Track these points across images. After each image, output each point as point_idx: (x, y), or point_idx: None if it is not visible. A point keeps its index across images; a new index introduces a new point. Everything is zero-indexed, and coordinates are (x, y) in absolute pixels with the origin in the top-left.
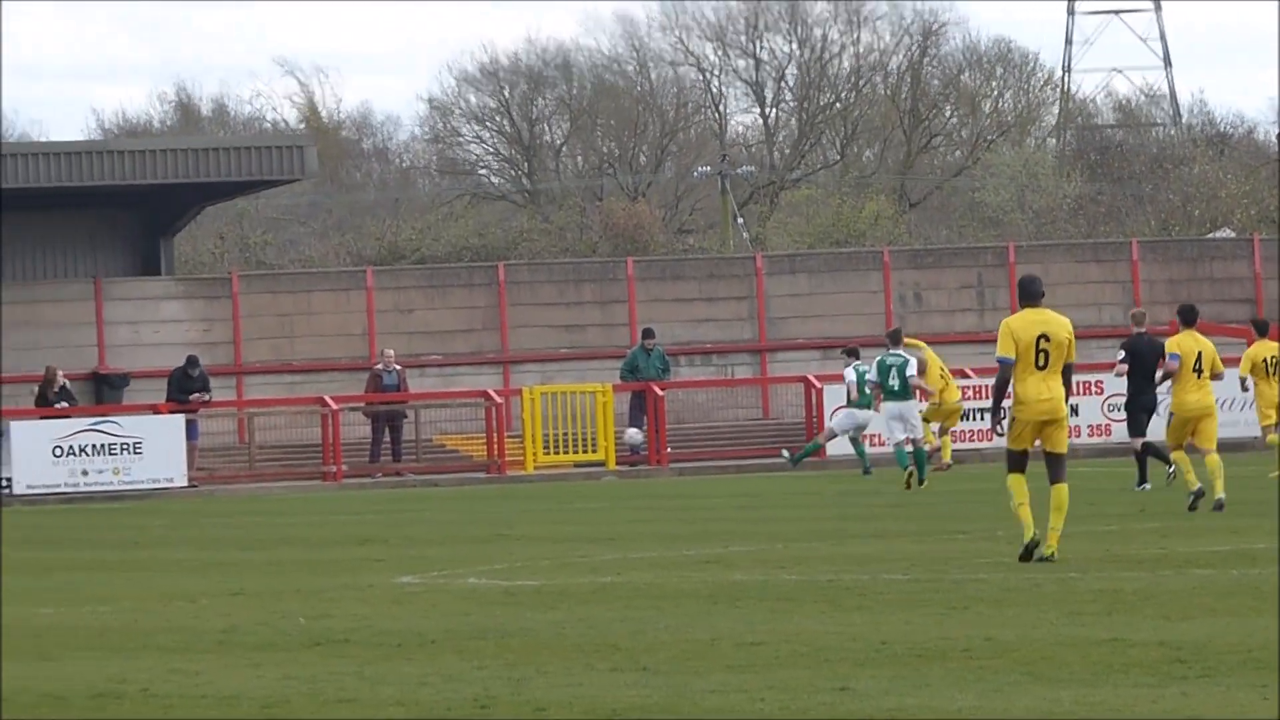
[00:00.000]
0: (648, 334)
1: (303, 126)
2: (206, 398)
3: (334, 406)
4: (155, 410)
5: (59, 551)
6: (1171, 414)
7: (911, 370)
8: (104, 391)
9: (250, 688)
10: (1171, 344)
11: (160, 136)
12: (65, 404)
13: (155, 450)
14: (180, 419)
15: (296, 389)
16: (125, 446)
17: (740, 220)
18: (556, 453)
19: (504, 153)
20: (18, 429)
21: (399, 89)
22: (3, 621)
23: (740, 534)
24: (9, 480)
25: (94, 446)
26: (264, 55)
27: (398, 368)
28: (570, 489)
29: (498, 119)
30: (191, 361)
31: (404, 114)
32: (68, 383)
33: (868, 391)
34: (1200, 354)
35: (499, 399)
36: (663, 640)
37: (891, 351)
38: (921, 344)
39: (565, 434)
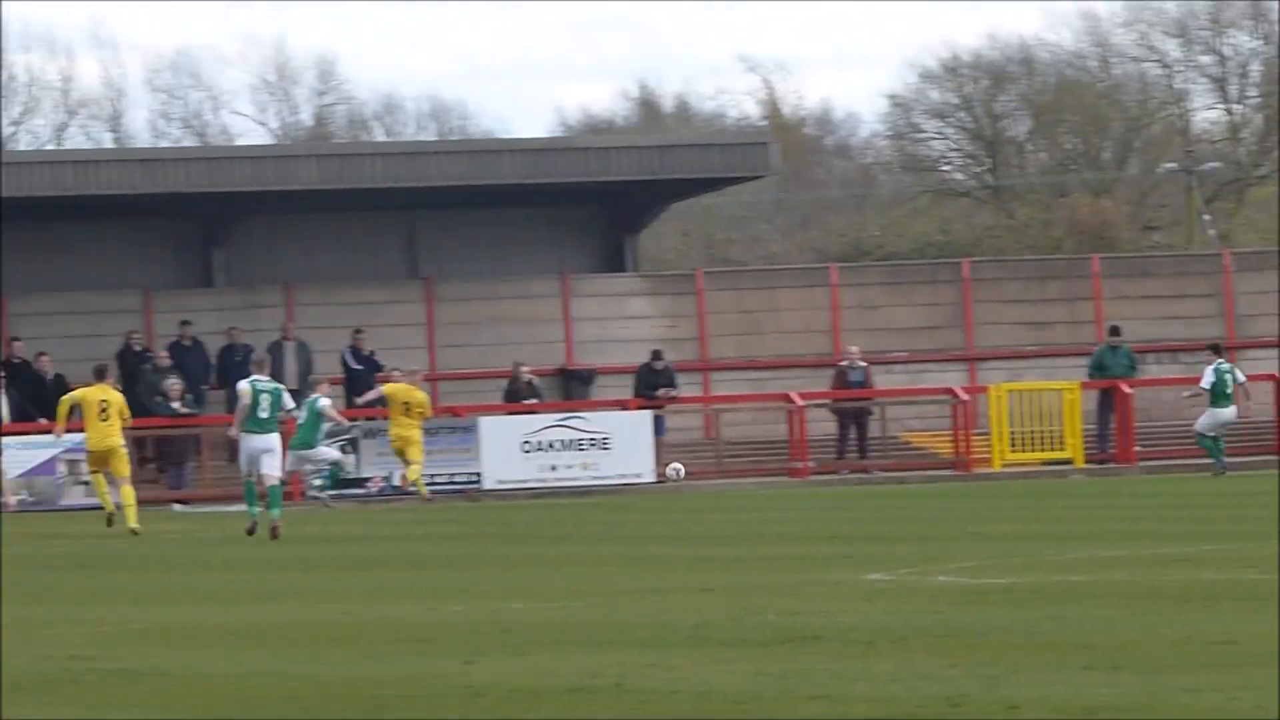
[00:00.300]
0: (1114, 331)
1: (765, 123)
2: (673, 393)
3: (800, 403)
4: (623, 406)
5: (529, 547)
6: None
7: None
8: (572, 387)
9: (721, 684)
10: None
11: (623, 133)
12: (535, 399)
13: (623, 446)
14: (648, 415)
15: (762, 385)
16: (593, 442)
17: (1206, 217)
18: (1023, 450)
19: (966, 149)
20: (487, 424)
21: (860, 85)
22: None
23: (1210, 534)
24: (478, 475)
25: (562, 442)
26: (727, 52)
27: (864, 364)
28: (1038, 487)
29: (959, 115)
30: (656, 356)
31: (865, 110)
32: (535, 379)
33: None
34: None
35: (965, 396)
36: (1134, 639)
37: None
38: None
39: (1032, 431)
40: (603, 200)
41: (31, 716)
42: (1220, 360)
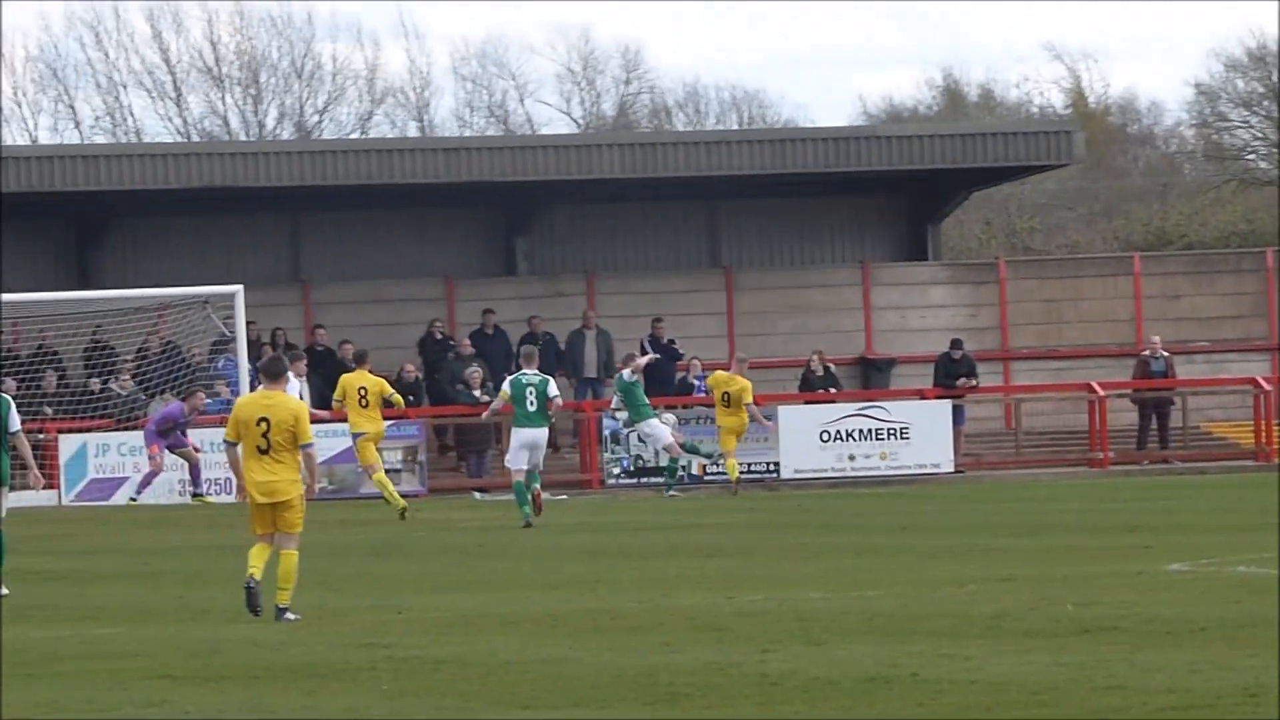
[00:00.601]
0: None
1: (1069, 111)
2: (973, 383)
3: (1101, 393)
4: (922, 395)
5: (826, 536)
6: None
7: None
8: (871, 376)
9: (1019, 674)
10: None
11: (926, 122)
12: (832, 389)
13: (922, 435)
14: (947, 404)
15: (1063, 375)
16: (892, 431)
17: None
18: None
19: (1272, 138)
20: (785, 414)
21: (1164, 74)
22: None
23: None
24: (777, 464)
25: (861, 431)
26: (1032, 40)
27: (1165, 354)
28: None
29: (1266, 104)
30: (956, 345)
31: (1169, 99)
32: (831, 366)
33: None
34: None
35: (1268, 386)
36: None
37: None
38: None
39: None
40: (905, 189)
41: (330, 702)
42: None
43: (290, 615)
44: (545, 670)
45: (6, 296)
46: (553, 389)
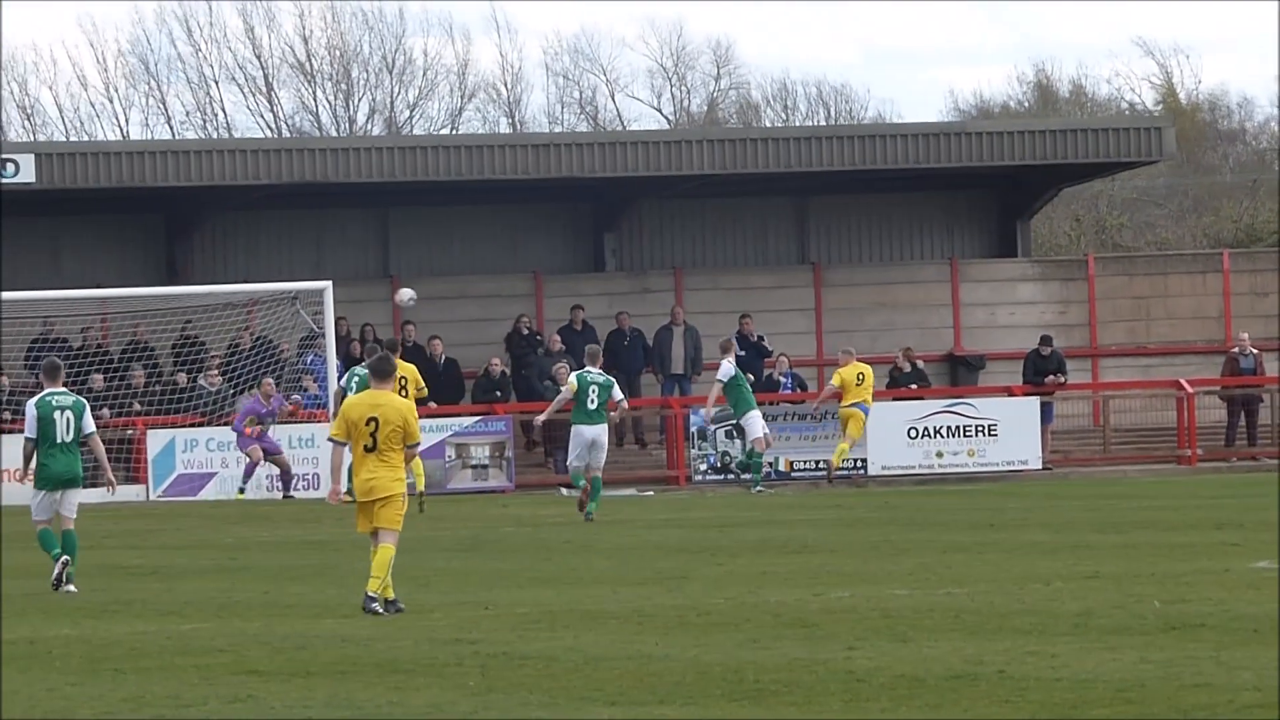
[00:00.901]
0: None
1: (1160, 108)
2: (1062, 380)
3: (1189, 390)
4: (1010, 392)
5: (913, 533)
6: None
7: None
8: (959, 373)
9: (1105, 671)
10: None
11: (1017, 118)
12: (916, 385)
13: (1010, 432)
14: (1035, 401)
15: (1151, 372)
16: (980, 428)
17: None
18: None
19: None
20: (873, 410)
21: (1256, 70)
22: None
23: None
24: (864, 460)
25: (949, 428)
26: (1123, 36)
27: (1254, 351)
28: None
29: None
30: (1045, 342)
31: (1260, 95)
32: (919, 363)
33: None
34: None
35: None
36: None
37: None
38: None
39: None
40: (994, 185)
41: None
42: None
43: (376, 605)
44: (631, 666)
45: (99, 292)
46: (618, 392)
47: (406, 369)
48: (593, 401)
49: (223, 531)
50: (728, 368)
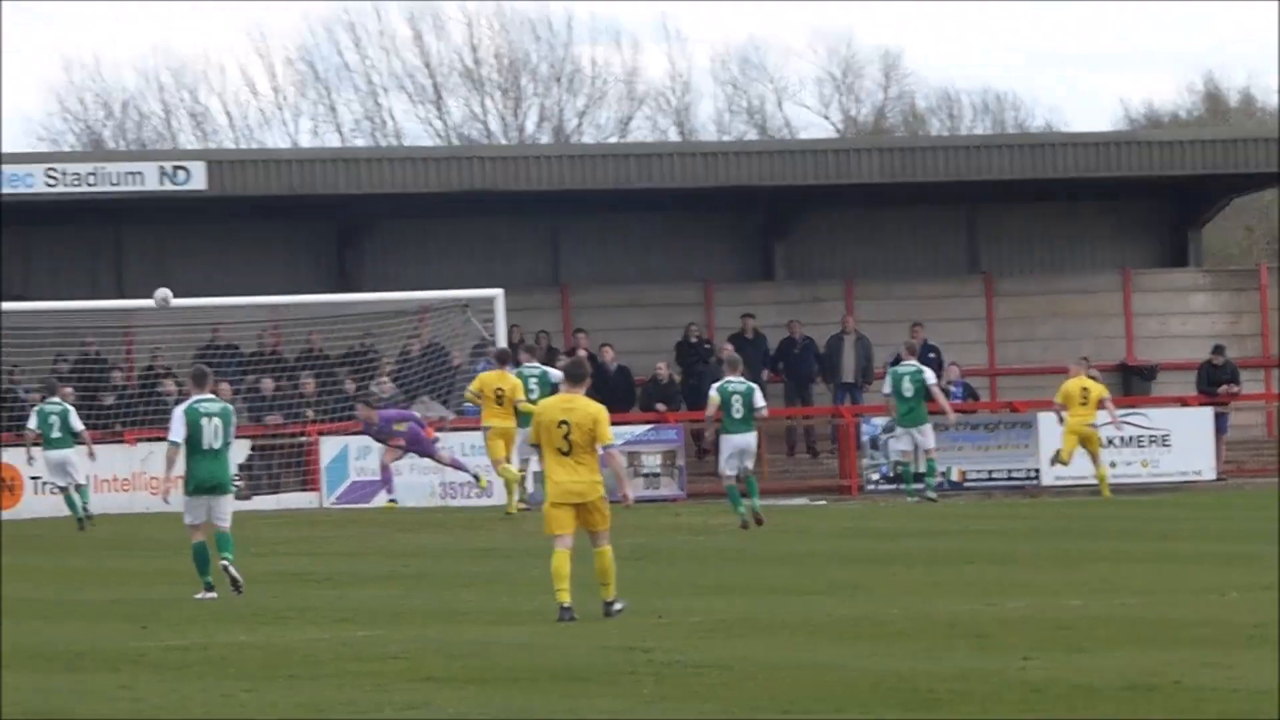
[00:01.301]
0: None
1: None
2: (1236, 390)
3: None
4: (1183, 402)
5: (1087, 543)
6: None
7: None
8: (1132, 383)
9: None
10: None
11: (1187, 126)
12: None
13: (1183, 443)
14: (1209, 411)
15: None
16: (1154, 439)
17: None
18: None
19: None
20: (1046, 420)
21: None
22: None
23: None
24: (1037, 471)
25: (1122, 438)
26: None
27: None
28: None
29: None
30: (1218, 352)
31: None
32: (1096, 373)
33: None
34: None
35: None
36: None
37: None
38: None
39: None
40: (1165, 194)
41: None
42: None
43: (618, 606)
44: (806, 675)
45: (271, 299)
46: (759, 399)
47: (514, 383)
48: (738, 410)
49: (396, 538)
50: (920, 376)
